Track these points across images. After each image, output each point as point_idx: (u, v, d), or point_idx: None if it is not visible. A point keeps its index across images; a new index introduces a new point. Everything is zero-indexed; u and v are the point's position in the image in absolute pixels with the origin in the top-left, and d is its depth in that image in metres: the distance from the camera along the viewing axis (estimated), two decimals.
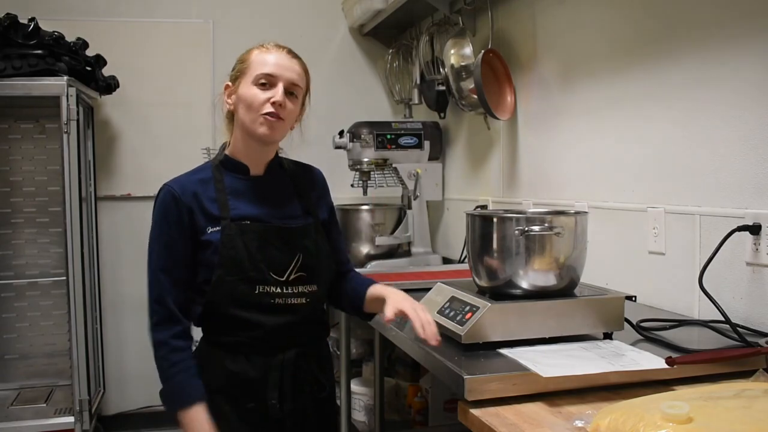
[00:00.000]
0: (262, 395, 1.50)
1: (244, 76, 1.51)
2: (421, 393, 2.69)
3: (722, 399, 1.02)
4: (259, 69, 1.49)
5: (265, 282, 1.49)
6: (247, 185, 1.55)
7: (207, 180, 1.54)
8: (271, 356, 1.51)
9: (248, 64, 1.51)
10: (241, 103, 1.50)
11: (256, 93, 1.48)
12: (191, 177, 1.55)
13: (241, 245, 1.48)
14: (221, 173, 1.55)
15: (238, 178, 1.55)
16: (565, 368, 1.20)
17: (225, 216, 1.49)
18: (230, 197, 1.52)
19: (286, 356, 1.52)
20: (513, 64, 2.58)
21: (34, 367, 3.27)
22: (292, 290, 1.51)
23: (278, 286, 1.50)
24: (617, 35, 2.02)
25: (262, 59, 1.50)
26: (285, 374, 1.52)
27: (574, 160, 2.24)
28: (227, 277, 1.47)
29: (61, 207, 2.81)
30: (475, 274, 1.49)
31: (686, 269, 1.75)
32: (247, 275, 1.48)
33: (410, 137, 3.02)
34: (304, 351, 1.56)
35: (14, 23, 2.68)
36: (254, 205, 1.54)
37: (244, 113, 1.50)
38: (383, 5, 3.13)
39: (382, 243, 2.90)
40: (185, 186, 1.51)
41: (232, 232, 1.48)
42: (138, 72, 3.35)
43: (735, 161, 1.61)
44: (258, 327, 1.49)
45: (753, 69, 1.56)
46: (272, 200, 1.56)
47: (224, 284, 1.47)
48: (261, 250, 1.49)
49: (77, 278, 2.79)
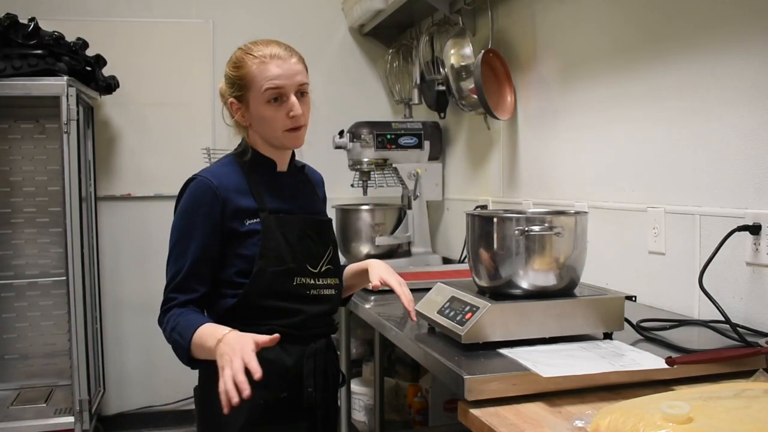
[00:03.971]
0: (296, 384, 1.50)
1: (250, 93, 1.46)
2: (421, 393, 2.69)
3: (722, 399, 1.02)
4: (265, 84, 1.44)
5: (302, 273, 1.51)
6: (275, 180, 1.56)
7: (237, 173, 1.52)
8: (304, 345, 1.52)
9: (249, 79, 1.46)
10: (257, 121, 1.49)
11: (271, 113, 1.46)
12: (222, 169, 1.53)
13: (280, 237, 1.49)
14: (249, 168, 1.54)
15: (266, 173, 1.55)
16: (565, 368, 1.20)
17: (263, 208, 1.49)
18: (263, 190, 1.52)
19: (318, 345, 1.54)
20: (513, 64, 2.58)
21: (34, 367, 3.27)
22: (322, 281, 1.55)
23: (312, 277, 1.53)
24: (617, 35, 2.02)
25: (263, 73, 1.45)
26: (318, 363, 1.53)
27: (574, 160, 2.24)
28: (268, 269, 1.46)
29: (61, 207, 2.81)
30: (475, 274, 1.49)
31: (686, 269, 1.75)
32: (287, 267, 1.49)
33: (410, 137, 3.02)
34: (329, 342, 1.60)
35: (14, 23, 2.69)
36: (284, 200, 1.55)
37: (264, 130, 1.50)
38: (383, 5, 3.13)
39: (382, 243, 2.90)
40: (220, 178, 1.49)
41: (272, 224, 1.48)
42: (138, 72, 3.35)
43: (735, 161, 1.61)
44: (296, 314, 1.50)
45: (753, 69, 1.56)
46: (300, 195, 1.60)
47: (265, 275, 1.46)
48: (300, 242, 1.52)
49: (77, 278, 2.79)
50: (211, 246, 1.47)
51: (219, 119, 1.63)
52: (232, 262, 1.48)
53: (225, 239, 1.47)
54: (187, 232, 1.46)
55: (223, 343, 1.28)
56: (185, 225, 1.47)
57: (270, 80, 1.44)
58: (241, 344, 1.26)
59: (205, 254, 1.46)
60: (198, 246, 1.45)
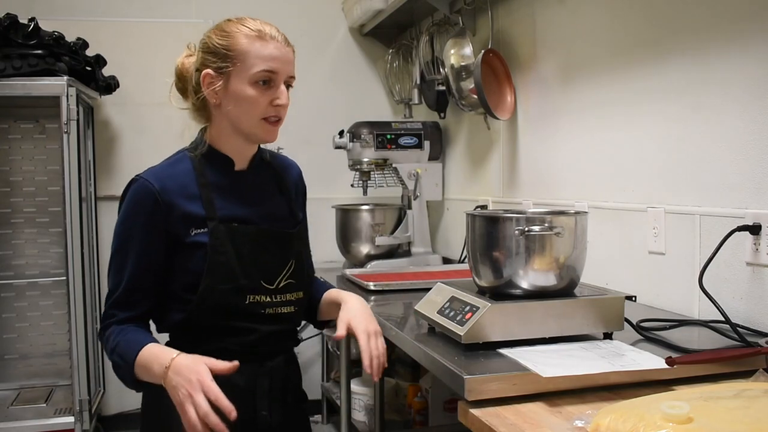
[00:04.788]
0: (248, 406, 1.36)
1: (236, 69, 1.31)
2: (421, 393, 2.69)
3: (722, 399, 1.02)
4: (259, 65, 1.30)
5: (256, 291, 1.36)
6: (232, 181, 1.39)
7: (187, 173, 1.36)
8: (258, 364, 1.39)
9: (240, 51, 1.31)
10: (234, 101, 1.32)
11: (255, 95, 1.31)
12: (168, 170, 1.37)
13: (231, 251, 1.32)
14: (202, 166, 1.37)
15: (221, 173, 1.38)
16: (565, 368, 1.20)
17: (212, 216, 1.33)
18: (214, 194, 1.35)
19: (274, 363, 1.42)
20: (513, 64, 2.58)
21: (34, 367, 3.27)
22: (280, 298, 1.39)
23: (268, 294, 1.37)
24: (617, 35, 2.02)
25: (260, 52, 1.31)
26: (274, 383, 1.41)
27: (574, 159, 2.24)
28: (217, 287, 1.31)
29: (61, 207, 2.81)
30: (475, 274, 1.49)
31: (686, 269, 1.75)
32: (239, 284, 1.33)
33: (410, 137, 3.02)
34: (289, 358, 1.47)
35: (14, 23, 2.69)
36: (241, 204, 1.38)
37: (239, 114, 1.33)
38: (383, 5, 3.13)
39: (382, 243, 2.90)
40: (164, 180, 1.32)
41: (222, 236, 1.32)
42: (138, 72, 3.35)
43: (735, 161, 1.61)
44: (249, 333, 1.36)
45: (753, 69, 1.55)
46: (259, 198, 1.41)
47: (213, 294, 1.31)
48: (253, 256, 1.35)
49: (77, 278, 2.79)
50: (153, 257, 1.32)
51: None
52: (176, 276, 1.33)
53: (170, 249, 1.32)
54: (126, 242, 1.32)
55: (174, 372, 1.15)
56: (124, 233, 1.33)
57: (265, 60, 1.31)
58: (197, 373, 1.12)
59: (146, 266, 1.32)
60: (137, 257, 1.31)
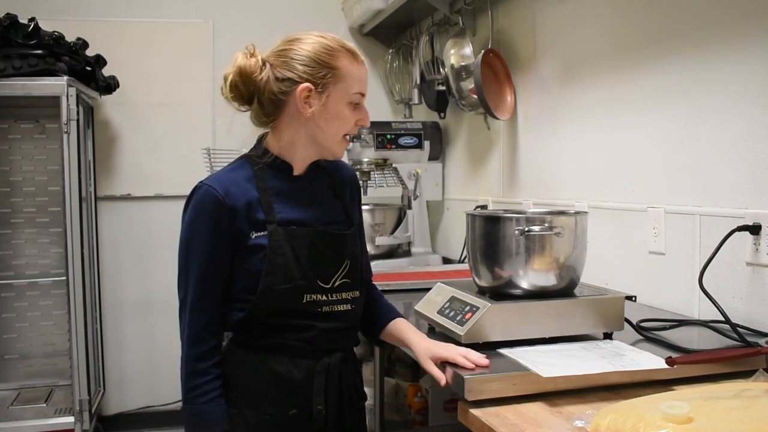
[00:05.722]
0: (305, 400, 1.41)
1: (336, 88, 1.38)
2: (421, 393, 2.69)
3: (722, 399, 1.02)
4: (357, 87, 1.39)
5: (313, 290, 1.41)
6: (291, 186, 1.45)
7: (248, 179, 1.42)
8: (316, 360, 1.43)
9: (343, 72, 1.38)
10: (326, 117, 1.39)
11: (348, 114, 1.40)
12: (231, 175, 1.43)
13: (289, 252, 1.38)
14: (263, 172, 1.43)
15: (280, 179, 1.44)
16: (565, 368, 1.20)
17: (271, 220, 1.39)
18: (274, 199, 1.41)
19: (331, 360, 1.44)
20: (513, 64, 2.58)
21: (34, 367, 3.27)
22: (336, 297, 1.44)
23: (324, 293, 1.42)
24: (617, 35, 2.02)
25: (357, 73, 1.40)
26: (330, 379, 1.44)
27: (574, 160, 2.24)
28: (275, 286, 1.37)
29: (61, 207, 2.81)
30: (475, 274, 1.49)
31: (686, 269, 1.75)
32: (296, 284, 1.39)
33: (410, 137, 3.02)
34: (347, 356, 1.49)
35: (14, 23, 2.68)
36: (299, 208, 1.44)
37: (327, 129, 1.40)
38: (383, 5, 3.13)
39: (382, 243, 2.90)
40: (227, 186, 1.39)
41: (280, 238, 1.38)
42: (138, 72, 3.36)
43: (735, 161, 1.61)
44: (307, 330, 1.41)
45: (753, 69, 1.56)
46: (316, 202, 1.47)
47: (272, 293, 1.37)
48: (310, 257, 1.41)
49: (77, 278, 2.79)
50: (219, 260, 1.39)
51: (219, 119, 1.57)
52: (237, 277, 1.40)
53: (232, 252, 1.39)
54: (194, 247, 1.39)
55: None
56: (191, 239, 1.39)
57: (361, 83, 1.40)
58: None
59: (213, 269, 1.39)
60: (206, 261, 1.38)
